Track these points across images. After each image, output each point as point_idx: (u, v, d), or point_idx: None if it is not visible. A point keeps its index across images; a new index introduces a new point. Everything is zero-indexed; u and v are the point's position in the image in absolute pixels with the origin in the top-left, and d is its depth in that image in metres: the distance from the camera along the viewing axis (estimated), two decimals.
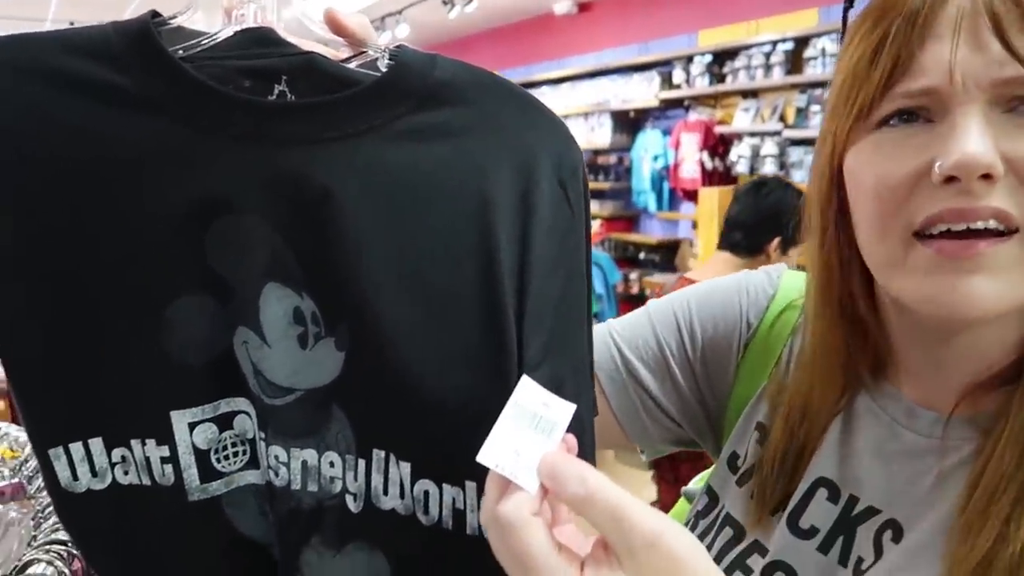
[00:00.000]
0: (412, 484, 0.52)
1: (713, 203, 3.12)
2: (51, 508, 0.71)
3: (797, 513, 0.61)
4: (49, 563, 0.58)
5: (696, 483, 0.88)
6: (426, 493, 0.52)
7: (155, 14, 0.51)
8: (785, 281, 0.72)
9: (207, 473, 0.53)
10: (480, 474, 0.45)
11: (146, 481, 0.52)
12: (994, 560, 0.50)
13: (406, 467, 0.52)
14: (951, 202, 0.49)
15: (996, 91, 0.49)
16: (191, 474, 0.52)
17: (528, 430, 0.46)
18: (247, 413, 0.53)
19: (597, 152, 5.80)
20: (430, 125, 0.51)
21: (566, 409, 0.47)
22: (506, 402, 0.46)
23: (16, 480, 0.88)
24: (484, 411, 0.46)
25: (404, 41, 0.54)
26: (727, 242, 2.24)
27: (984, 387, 0.56)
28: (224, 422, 0.53)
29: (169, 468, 0.52)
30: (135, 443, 0.51)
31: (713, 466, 0.72)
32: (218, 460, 0.53)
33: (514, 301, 0.52)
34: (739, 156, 4.65)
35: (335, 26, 0.53)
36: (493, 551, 0.45)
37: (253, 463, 0.53)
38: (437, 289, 0.51)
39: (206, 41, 0.51)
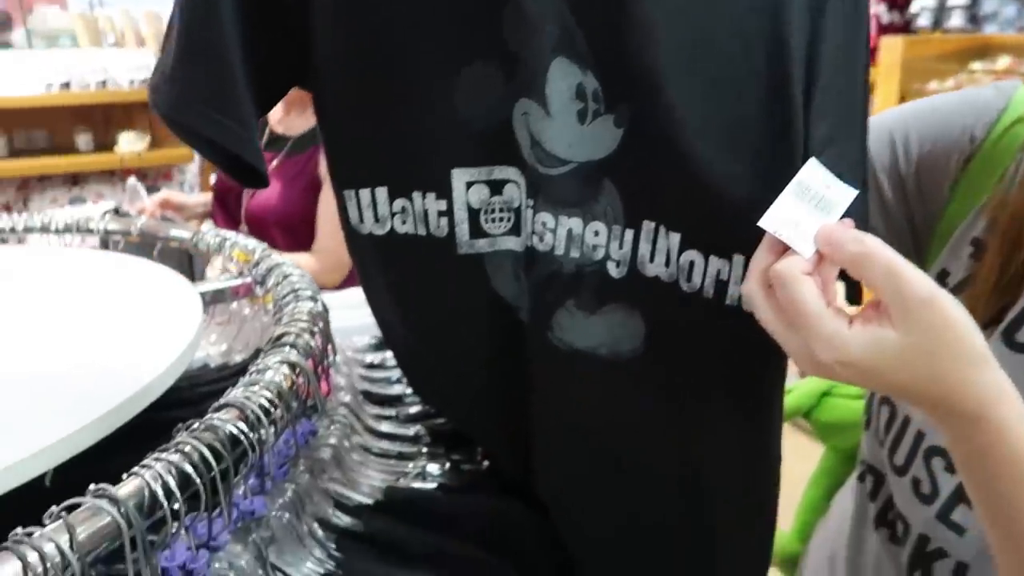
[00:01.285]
0: (679, 254, 0.55)
1: (895, 55, 2.77)
2: (286, 299, 0.79)
3: (1014, 327, 0.60)
4: (297, 335, 0.66)
5: None
6: (691, 263, 0.55)
7: None
8: (1019, 95, 0.67)
9: (475, 231, 0.57)
10: (750, 249, 0.49)
11: (421, 232, 0.57)
12: None
13: (675, 237, 0.55)
14: None
15: None
16: (463, 229, 0.57)
17: (809, 205, 0.48)
18: (516, 183, 0.56)
19: None
20: None
21: (847, 192, 0.49)
22: (789, 182, 0.48)
23: (248, 279, 0.99)
24: (763, 193, 0.48)
25: None
26: None
27: None
28: (495, 187, 0.56)
29: (444, 221, 0.57)
30: (416, 195, 0.56)
31: None
32: (486, 221, 0.57)
33: (802, 90, 0.52)
34: (922, 8, 4.17)
35: None
36: (756, 313, 0.48)
37: (514, 231, 0.57)
38: (725, 75, 0.52)
39: None
